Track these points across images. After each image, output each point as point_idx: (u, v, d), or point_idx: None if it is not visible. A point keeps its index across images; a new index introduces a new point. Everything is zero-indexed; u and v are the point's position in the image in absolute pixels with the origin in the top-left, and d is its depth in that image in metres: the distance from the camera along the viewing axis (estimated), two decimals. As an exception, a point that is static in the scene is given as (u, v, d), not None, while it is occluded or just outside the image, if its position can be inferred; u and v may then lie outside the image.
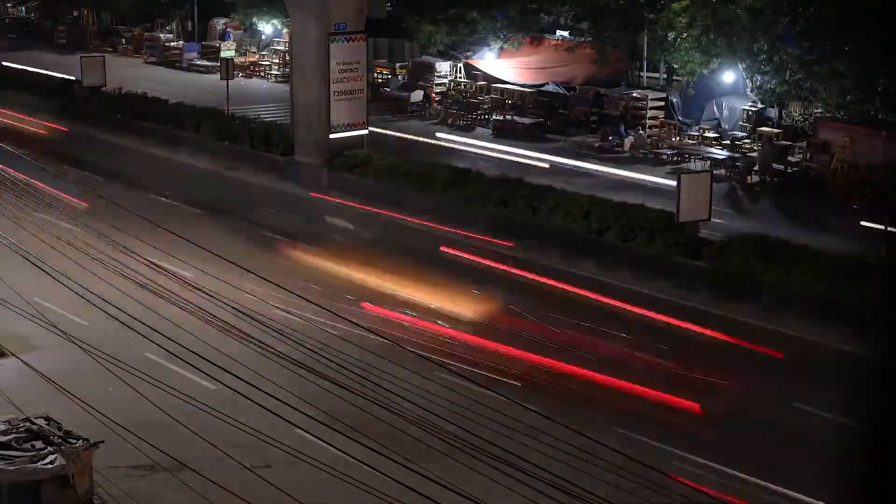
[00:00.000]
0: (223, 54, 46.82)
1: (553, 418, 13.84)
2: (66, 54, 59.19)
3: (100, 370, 17.15)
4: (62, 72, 49.47)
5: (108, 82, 43.69)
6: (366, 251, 28.08)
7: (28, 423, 13.59)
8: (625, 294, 24.79)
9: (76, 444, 13.30)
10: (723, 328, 22.83)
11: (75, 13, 71.34)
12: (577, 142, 39.48)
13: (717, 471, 17.37)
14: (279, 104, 44.15)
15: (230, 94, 40.92)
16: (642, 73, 44.57)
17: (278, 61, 54.83)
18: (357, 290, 24.98)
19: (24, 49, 62.14)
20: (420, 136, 40.98)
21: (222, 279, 19.04)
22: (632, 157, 37.57)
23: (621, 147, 38.66)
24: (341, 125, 33.93)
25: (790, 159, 35.66)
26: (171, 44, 60.64)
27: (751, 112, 39.19)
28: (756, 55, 37.24)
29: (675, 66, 41.91)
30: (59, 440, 13.30)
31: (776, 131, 37.34)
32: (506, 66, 46.19)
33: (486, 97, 45.29)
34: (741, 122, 39.43)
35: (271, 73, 54.82)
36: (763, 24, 36.71)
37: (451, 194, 30.17)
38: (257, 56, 57.44)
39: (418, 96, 46.11)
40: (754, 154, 35.79)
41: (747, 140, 37.61)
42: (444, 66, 48.34)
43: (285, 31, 53.47)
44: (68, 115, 43.67)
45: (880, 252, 25.62)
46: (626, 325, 23.11)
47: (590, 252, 26.84)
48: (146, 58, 60.64)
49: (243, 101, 44.14)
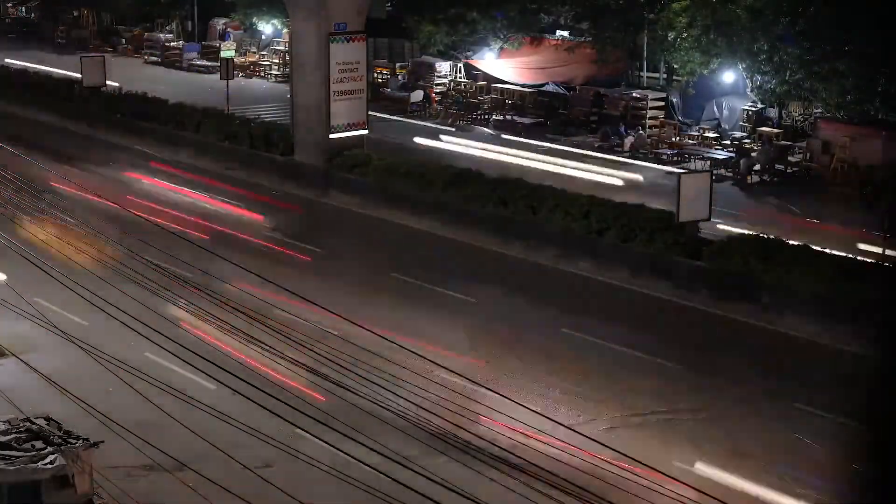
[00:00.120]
0: (223, 54, 46.79)
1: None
2: (65, 54, 59.13)
3: (100, 370, 17.15)
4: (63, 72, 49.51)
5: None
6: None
7: (28, 423, 13.59)
8: (625, 294, 24.73)
9: (76, 444, 13.30)
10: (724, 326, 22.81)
11: (75, 13, 71.33)
12: (577, 142, 39.47)
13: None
14: (279, 104, 44.13)
15: (230, 94, 40.91)
16: (642, 73, 44.57)
17: (278, 61, 54.83)
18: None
19: (24, 49, 62.10)
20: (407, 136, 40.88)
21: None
22: (632, 157, 37.64)
23: (621, 147, 38.65)
24: (341, 125, 33.93)
25: (790, 159, 35.68)
26: (171, 44, 60.63)
27: (751, 112, 39.20)
28: (756, 55, 37.26)
29: (675, 66, 41.93)
30: (59, 440, 13.29)
31: (776, 131, 37.36)
32: (506, 66, 46.18)
33: (486, 97, 45.29)
34: (741, 122, 39.44)
35: (271, 73, 54.82)
36: (763, 24, 36.73)
37: (451, 194, 30.16)
38: (257, 56, 57.44)
39: (418, 96, 46.12)
40: (754, 154, 35.81)
41: (747, 140, 37.63)
42: (444, 66, 48.36)
43: (285, 31, 53.47)
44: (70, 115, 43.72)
45: (880, 252, 25.60)
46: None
47: (589, 251, 26.85)
48: (146, 58, 60.66)
49: (243, 101, 44.11)
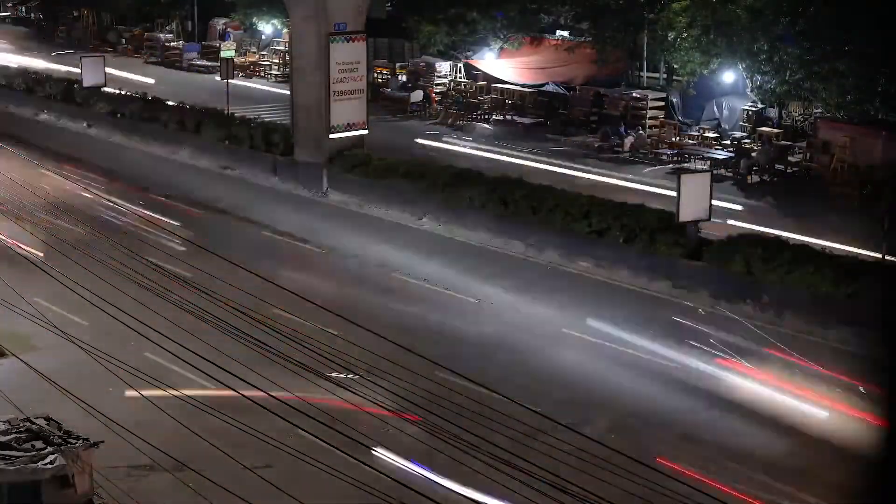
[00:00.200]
0: (223, 54, 46.80)
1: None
2: (65, 54, 59.14)
3: (100, 370, 17.14)
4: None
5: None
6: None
7: (28, 423, 13.57)
8: (625, 294, 24.72)
9: (76, 444, 13.28)
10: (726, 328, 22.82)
11: (75, 13, 71.34)
12: (577, 142, 39.45)
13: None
14: (279, 104, 44.11)
15: (230, 94, 40.89)
16: (642, 73, 44.56)
17: (278, 61, 54.81)
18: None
19: (23, 49, 62.14)
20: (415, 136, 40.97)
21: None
22: (632, 157, 37.62)
23: (621, 147, 38.63)
24: (341, 125, 33.91)
25: (790, 159, 35.66)
26: (171, 44, 60.64)
27: (751, 112, 39.18)
28: (756, 55, 37.24)
29: (675, 66, 41.92)
30: (59, 440, 13.28)
31: (776, 131, 37.34)
32: (506, 66, 46.17)
33: (486, 97, 45.28)
34: (741, 122, 39.43)
35: (271, 73, 54.80)
36: (763, 24, 36.71)
37: (451, 194, 30.15)
38: (257, 56, 57.43)
39: (418, 96, 46.10)
40: (754, 154, 35.80)
41: (747, 140, 37.61)
42: (444, 66, 48.34)
43: (285, 31, 53.47)
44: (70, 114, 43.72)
45: (880, 252, 25.57)
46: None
47: (589, 252, 26.85)
48: (146, 58, 60.64)
49: (243, 102, 44.09)
